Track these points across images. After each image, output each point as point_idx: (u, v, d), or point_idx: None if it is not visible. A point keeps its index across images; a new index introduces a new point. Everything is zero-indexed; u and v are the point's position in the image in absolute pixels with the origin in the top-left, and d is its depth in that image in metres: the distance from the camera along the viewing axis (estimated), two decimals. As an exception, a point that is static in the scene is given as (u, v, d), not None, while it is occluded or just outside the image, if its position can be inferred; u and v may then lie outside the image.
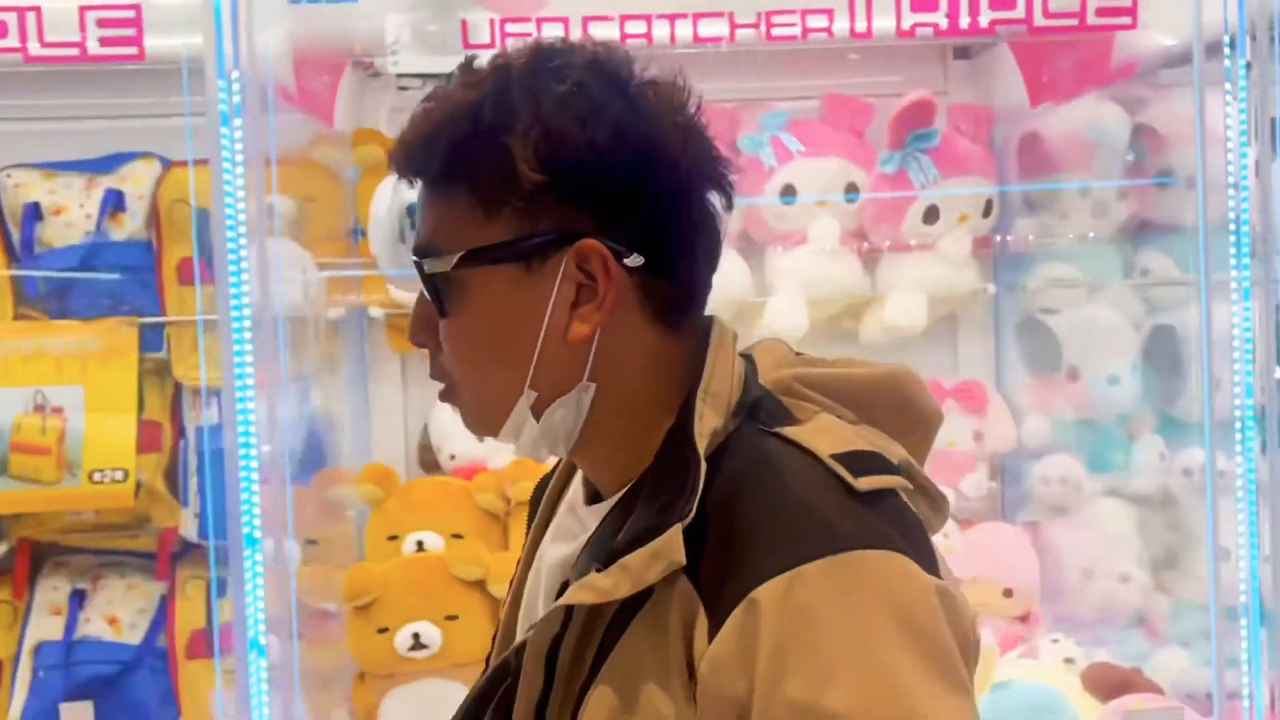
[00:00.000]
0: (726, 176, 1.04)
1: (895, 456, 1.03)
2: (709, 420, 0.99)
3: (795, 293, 2.76)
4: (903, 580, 0.91)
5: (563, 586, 1.02)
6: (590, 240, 0.98)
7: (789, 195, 2.76)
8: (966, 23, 2.22)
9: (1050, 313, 2.86)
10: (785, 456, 0.97)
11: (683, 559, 0.92)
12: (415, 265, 1.02)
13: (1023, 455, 2.89)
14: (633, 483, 1.02)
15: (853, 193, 2.78)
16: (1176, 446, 2.75)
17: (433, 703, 2.44)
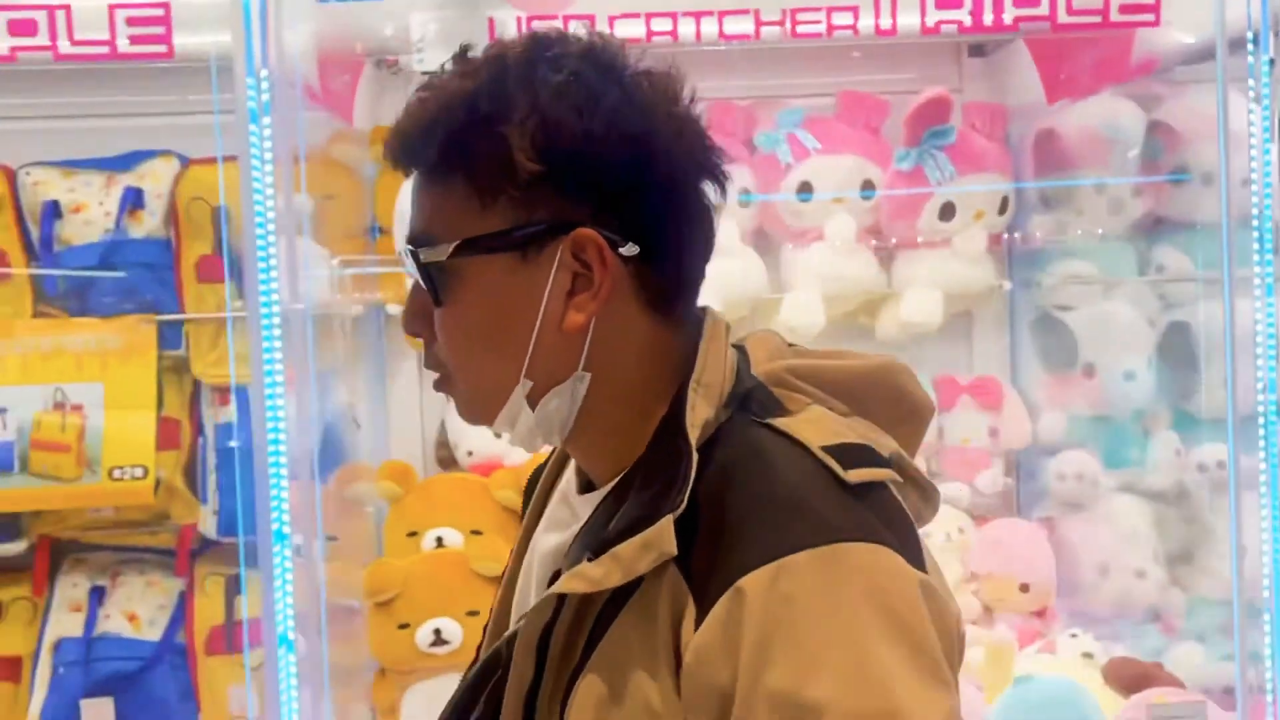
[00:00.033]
0: (720, 167, 1.04)
1: (886, 449, 1.03)
2: (701, 411, 0.99)
3: (811, 289, 2.76)
4: (888, 573, 0.91)
5: (555, 575, 1.02)
6: (586, 229, 0.98)
7: (805, 192, 2.76)
8: (990, 20, 2.23)
9: (1066, 309, 2.86)
10: (776, 447, 0.97)
11: (674, 549, 0.92)
12: (411, 255, 1.02)
13: (1038, 451, 2.90)
14: (625, 472, 1.02)
15: (869, 190, 2.78)
16: (1191, 442, 2.76)
17: (453, 699, 2.44)
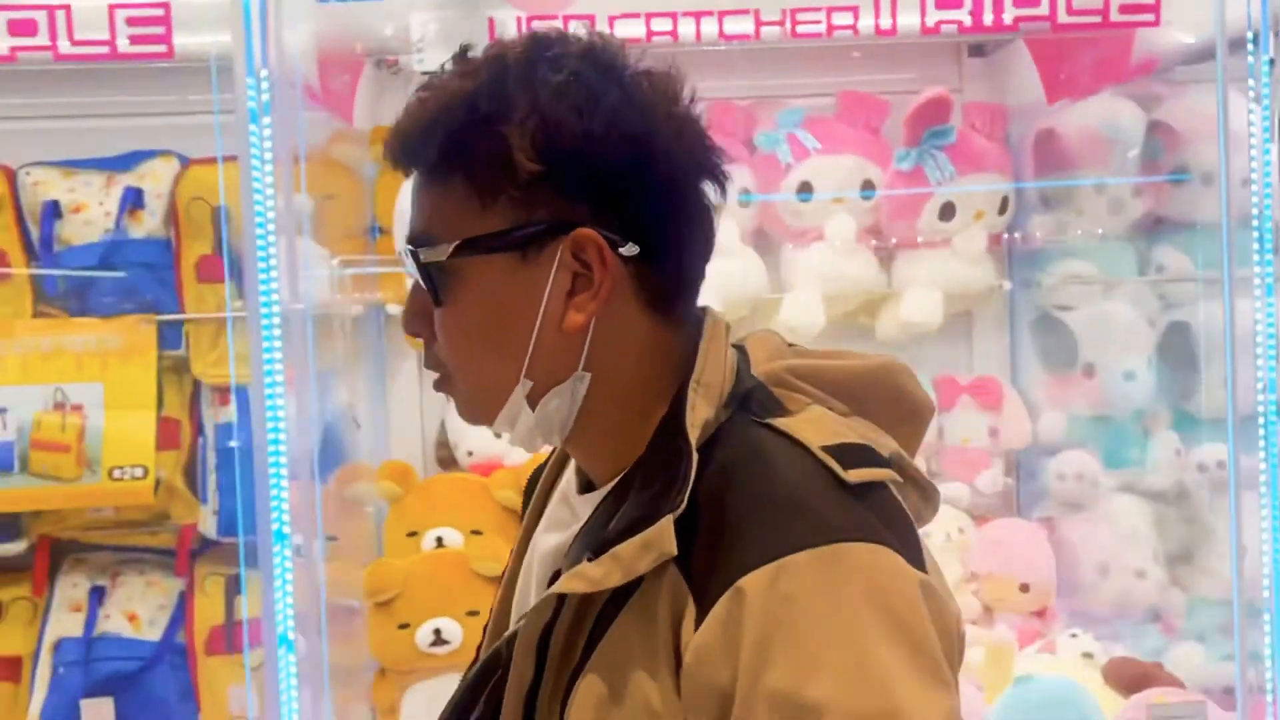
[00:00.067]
0: (720, 167, 1.04)
1: (886, 449, 1.03)
2: (701, 411, 0.99)
3: (812, 289, 2.76)
4: (888, 573, 0.91)
5: (555, 575, 1.02)
6: (586, 229, 0.98)
7: (805, 192, 2.76)
8: (990, 20, 2.23)
9: (1066, 309, 2.86)
10: (776, 447, 0.97)
11: (674, 549, 0.92)
12: (411, 254, 1.02)
13: (1038, 451, 2.90)
14: (625, 472, 1.02)
15: (869, 190, 2.78)
16: (1191, 442, 2.76)
17: (454, 699, 2.44)
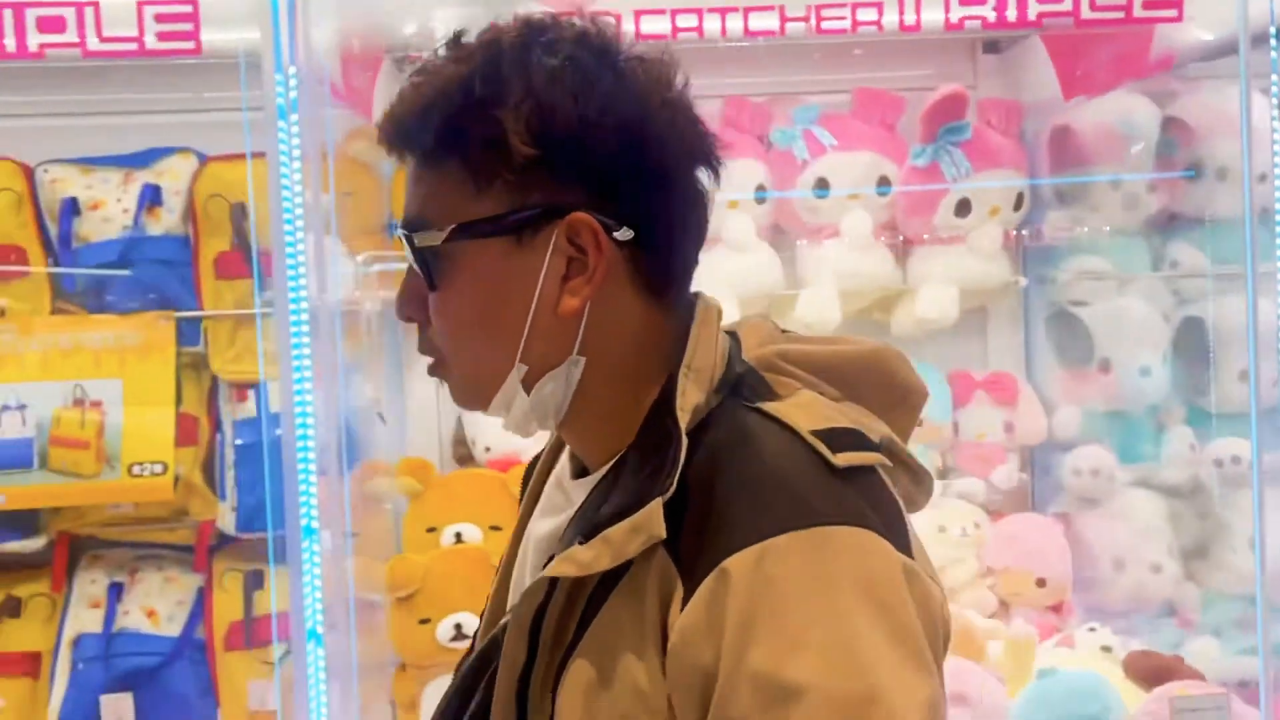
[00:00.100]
0: (714, 153, 1.04)
1: (876, 434, 1.03)
2: (691, 395, 0.99)
3: (827, 285, 2.76)
4: (872, 557, 0.92)
5: (549, 560, 1.02)
6: (581, 214, 0.98)
7: (822, 189, 2.77)
8: (1014, 15, 2.23)
9: (1081, 305, 2.87)
10: (765, 431, 0.98)
11: (663, 532, 0.93)
12: (405, 239, 1.02)
13: (1053, 446, 2.90)
14: (618, 456, 1.02)
15: (885, 186, 2.79)
16: (1206, 437, 2.77)
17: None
